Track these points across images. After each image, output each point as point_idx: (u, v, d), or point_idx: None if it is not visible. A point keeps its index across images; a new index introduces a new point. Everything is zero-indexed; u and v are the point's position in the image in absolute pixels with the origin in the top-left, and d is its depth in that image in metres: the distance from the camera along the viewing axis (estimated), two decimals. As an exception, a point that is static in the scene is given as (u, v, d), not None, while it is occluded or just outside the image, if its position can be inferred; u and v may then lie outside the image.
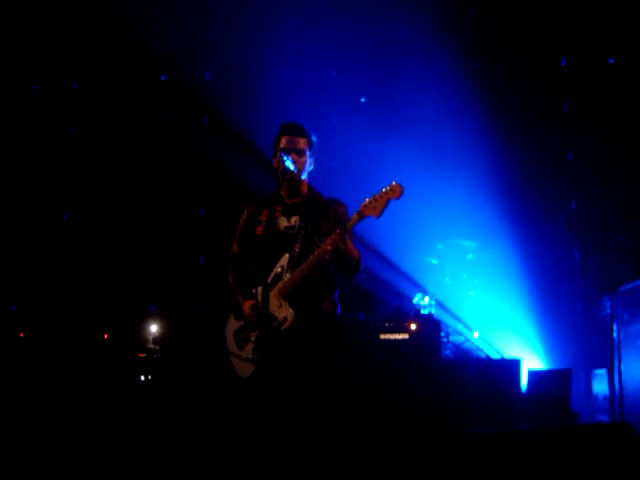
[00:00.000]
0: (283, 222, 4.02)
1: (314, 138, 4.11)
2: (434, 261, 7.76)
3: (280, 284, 3.88)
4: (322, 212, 4.03)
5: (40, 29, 7.66)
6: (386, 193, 3.73)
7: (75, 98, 8.16)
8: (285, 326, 3.81)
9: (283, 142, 4.05)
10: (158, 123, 7.94)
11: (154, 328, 7.07)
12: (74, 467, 4.97)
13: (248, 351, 3.88)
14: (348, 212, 4.02)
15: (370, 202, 3.75)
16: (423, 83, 7.65)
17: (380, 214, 3.74)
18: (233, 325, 4.02)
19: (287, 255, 3.92)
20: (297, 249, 3.92)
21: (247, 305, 3.90)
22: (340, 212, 4.04)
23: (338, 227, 3.77)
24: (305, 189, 4.12)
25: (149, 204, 8.00)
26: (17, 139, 8.01)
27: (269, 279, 3.89)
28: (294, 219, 4.02)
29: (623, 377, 6.43)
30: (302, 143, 4.04)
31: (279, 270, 3.91)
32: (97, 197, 8.07)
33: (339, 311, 4.04)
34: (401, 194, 3.73)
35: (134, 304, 7.60)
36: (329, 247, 3.73)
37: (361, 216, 3.76)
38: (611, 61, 7.66)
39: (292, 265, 3.88)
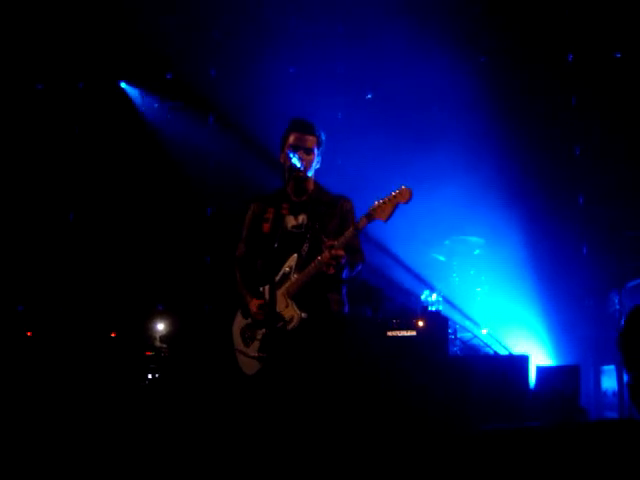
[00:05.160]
0: (290, 221, 3.98)
1: (324, 137, 4.05)
2: (441, 258, 7.74)
3: (288, 284, 3.86)
4: (329, 209, 4.00)
5: (45, 27, 7.65)
6: (395, 197, 3.66)
7: (80, 97, 8.17)
8: (291, 326, 3.79)
9: (291, 139, 3.98)
10: (163, 121, 7.94)
11: (161, 326, 7.09)
12: (82, 465, 4.97)
13: (254, 349, 3.86)
14: (354, 208, 4.01)
15: (379, 205, 3.68)
16: (430, 78, 7.62)
17: (388, 218, 3.67)
18: (240, 323, 4.01)
19: (295, 255, 3.89)
20: (305, 249, 3.89)
21: (254, 303, 3.88)
22: (347, 208, 4.02)
23: (346, 228, 3.74)
24: (312, 186, 4.08)
25: (156, 203, 8.00)
26: (23, 139, 8.01)
27: (277, 278, 3.87)
28: (301, 217, 3.98)
29: (632, 373, 6.40)
30: (311, 141, 3.98)
31: (287, 270, 3.89)
32: (103, 197, 8.08)
33: (347, 310, 4.01)
34: (410, 199, 3.65)
35: (141, 303, 7.61)
36: (326, 259, 3.69)
37: (370, 219, 3.71)
38: (618, 55, 7.62)
39: (300, 265, 3.86)
